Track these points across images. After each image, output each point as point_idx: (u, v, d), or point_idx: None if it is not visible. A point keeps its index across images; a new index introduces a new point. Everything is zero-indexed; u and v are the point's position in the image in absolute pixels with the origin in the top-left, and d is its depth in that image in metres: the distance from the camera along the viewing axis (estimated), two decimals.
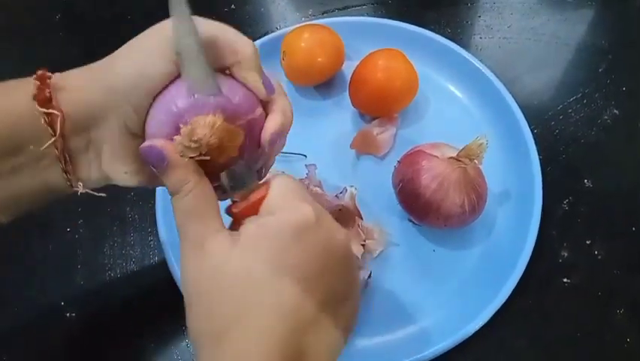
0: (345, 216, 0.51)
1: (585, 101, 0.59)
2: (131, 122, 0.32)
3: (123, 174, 0.34)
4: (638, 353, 0.47)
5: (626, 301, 0.49)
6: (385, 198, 0.53)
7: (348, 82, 0.57)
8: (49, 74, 0.32)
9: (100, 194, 0.35)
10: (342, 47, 0.59)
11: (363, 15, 0.67)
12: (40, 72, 0.31)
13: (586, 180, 0.55)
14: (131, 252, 0.54)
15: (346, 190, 0.53)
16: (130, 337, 0.51)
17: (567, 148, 0.57)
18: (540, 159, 0.53)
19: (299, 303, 0.27)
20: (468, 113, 0.59)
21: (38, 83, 0.31)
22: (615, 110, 0.59)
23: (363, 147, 0.57)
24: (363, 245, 0.50)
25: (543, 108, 0.59)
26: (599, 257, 0.51)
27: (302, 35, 0.57)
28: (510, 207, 0.53)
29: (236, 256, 0.27)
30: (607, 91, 0.60)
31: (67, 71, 0.33)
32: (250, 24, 0.67)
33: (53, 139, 0.31)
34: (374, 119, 0.58)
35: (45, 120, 0.31)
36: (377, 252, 0.51)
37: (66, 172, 0.33)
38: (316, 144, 0.57)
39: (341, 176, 0.56)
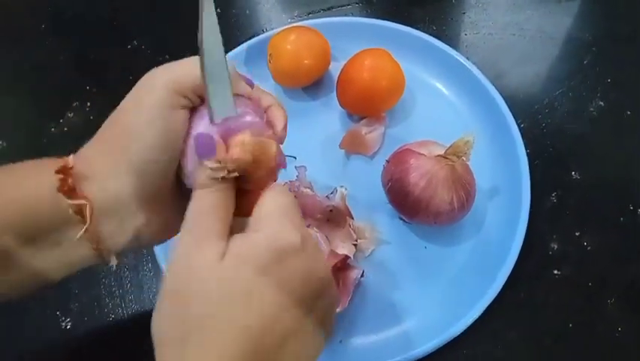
0: (337, 216, 0.52)
1: (571, 94, 0.60)
2: (160, 188, 0.33)
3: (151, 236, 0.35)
4: (629, 343, 0.48)
5: (616, 291, 0.50)
6: (376, 197, 0.54)
7: (336, 82, 0.58)
8: (71, 163, 0.32)
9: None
10: (329, 49, 0.59)
11: (348, 15, 0.67)
12: (62, 165, 0.31)
13: (573, 172, 0.55)
14: (124, 260, 0.54)
15: (336, 191, 0.53)
16: (125, 345, 0.51)
17: (554, 141, 0.57)
18: (527, 153, 0.54)
19: (267, 326, 0.27)
20: (455, 110, 0.59)
21: (61, 176, 0.31)
22: (600, 102, 0.59)
23: (353, 146, 0.57)
24: (355, 245, 0.51)
25: (529, 102, 0.59)
26: (589, 248, 0.52)
27: (288, 38, 0.57)
28: (499, 201, 0.53)
29: (220, 267, 0.27)
30: (592, 83, 0.60)
31: (84, 153, 0.33)
32: (236, 27, 0.68)
33: (85, 226, 0.31)
34: (362, 118, 0.58)
35: (73, 210, 0.31)
36: (369, 250, 0.52)
37: (98, 250, 0.33)
38: (305, 145, 0.57)
39: (331, 176, 0.56)
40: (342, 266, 0.50)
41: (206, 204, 0.29)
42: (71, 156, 0.32)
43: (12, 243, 0.31)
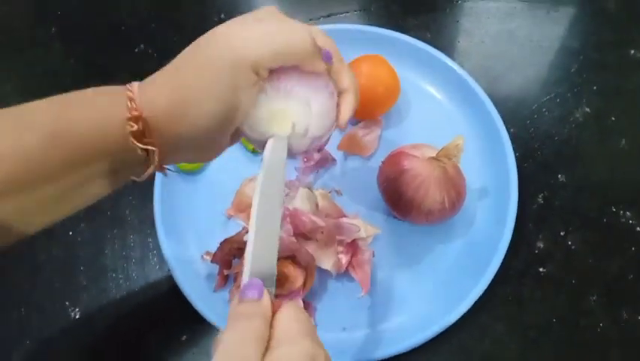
0: (326, 237, 0.53)
1: (558, 100, 0.62)
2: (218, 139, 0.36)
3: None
4: (610, 337, 0.50)
5: (598, 289, 0.52)
6: (371, 196, 0.56)
7: None
8: (143, 113, 0.33)
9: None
10: None
11: (347, 22, 0.69)
12: (135, 112, 0.32)
13: (560, 175, 0.58)
14: (131, 253, 0.57)
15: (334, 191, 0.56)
16: (132, 335, 0.53)
17: (542, 145, 0.59)
18: (516, 157, 0.56)
19: None
20: (447, 115, 0.61)
21: (134, 125, 0.32)
22: (587, 109, 0.61)
23: (350, 148, 0.60)
24: (354, 240, 0.53)
25: (519, 108, 0.61)
26: (573, 247, 0.54)
27: None
28: (488, 202, 0.56)
29: None
30: (579, 90, 0.62)
31: (151, 93, 0.33)
32: None
33: (153, 167, 0.34)
34: (359, 122, 0.61)
35: (141, 151, 0.33)
36: (370, 239, 0.53)
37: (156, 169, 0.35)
38: None
39: (329, 176, 0.59)
40: (354, 252, 0.52)
41: (246, 335, 0.29)
42: (136, 90, 0.33)
43: (71, 181, 0.33)
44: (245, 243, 0.52)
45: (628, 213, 0.55)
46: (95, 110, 0.33)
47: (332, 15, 0.70)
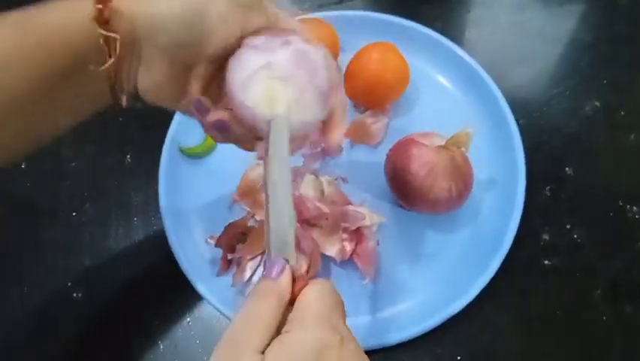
0: (331, 224, 0.53)
1: (568, 93, 0.62)
2: (184, 58, 0.34)
3: (154, 90, 0.36)
4: (614, 330, 0.50)
5: (602, 282, 0.52)
6: (378, 184, 0.56)
7: (343, 74, 0.59)
8: None
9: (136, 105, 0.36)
10: (338, 40, 0.61)
11: (357, 9, 0.68)
12: None
13: (567, 169, 0.57)
14: (135, 235, 0.57)
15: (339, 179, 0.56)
16: (135, 316, 0.53)
17: (550, 138, 0.59)
18: (524, 148, 0.55)
19: None
20: (457, 104, 0.61)
21: (100, 6, 0.31)
22: (596, 102, 0.61)
23: (357, 136, 0.59)
24: (359, 228, 0.53)
25: (528, 100, 0.61)
26: (579, 241, 0.54)
27: None
28: (495, 193, 0.55)
29: None
30: (589, 84, 0.62)
31: None
32: None
33: (112, 60, 0.32)
34: (367, 109, 0.60)
35: (103, 41, 0.32)
36: (374, 227, 0.53)
37: (113, 88, 0.34)
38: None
39: (336, 163, 0.58)
40: (359, 240, 0.52)
41: (252, 316, 0.29)
42: None
43: (31, 80, 0.32)
44: (249, 227, 0.52)
45: (635, 208, 0.55)
46: (62, 7, 0.32)
47: (343, 1, 0.70)
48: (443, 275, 0.52)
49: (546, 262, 0.53)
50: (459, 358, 0.49)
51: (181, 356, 0.51)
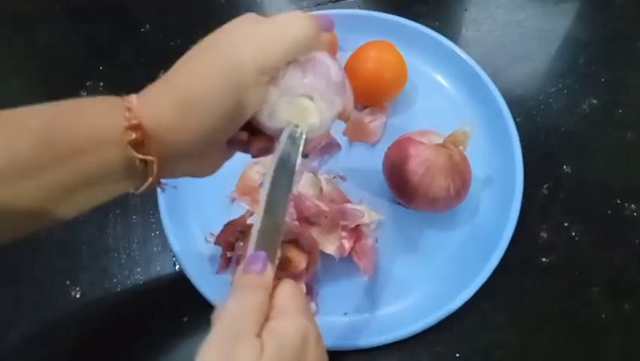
0: (329, 222, 0.53)
1: (565, 91, 0.62)
2: (219, 145, 0.36)
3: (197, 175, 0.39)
4: (611, 328, 0.50)
5: (600, 280, 0.52)
6: (376, 182, 0.56)
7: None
8: (141, 121, 0.32)
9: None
10: (336, 38, 0.61)
11: (355, 7, 0.68)
12: (134, 121, 0.31)
13: (565, 166, 0.58)
14: (133, 233, 0.56)
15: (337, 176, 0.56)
16: (133, 316, 0.53)
17: (547, 136, 0.59)
18: (522, 146, 0.56)
19: None
20: (454, 103, 0.61)
21: (133, 134, 0.31)
22: (593, 100, 0.61)
23: (355, 134, 0.59)
24: (358, 225, 0.53)
25: (525, 98, 0.61)
26: (576, 238, 0.54)
27: None
28: (493, 191, 0.56)
29: None
30: (586, 82, 0.62)
31: (151, 104, 0.33)
32: None
33: (150, 180, 0.33)
34: (365, 108, 0.60)
35: (139, 162, 0.32)
36: (373, 225, 0.54)
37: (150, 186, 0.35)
38: None
39: (334, 162, 0.58)
40: (358, 237, 0.52)
41: (247, 305, 0.31)
42: (135, 101, 0.32)
43: (59, 190, 0.31)
44: (249, 226, 0.52)
45: (632, 205, 0.55)
46: (90, 118, 0.32)
47: (340, 0, 0.70)
48: (441, 273, 0.53)
49: (544, 259, 0.53)
50: (457, 355, 0.50)
51: (180, 355, 0.51)
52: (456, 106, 0.61)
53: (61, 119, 0.31)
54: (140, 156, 0.32)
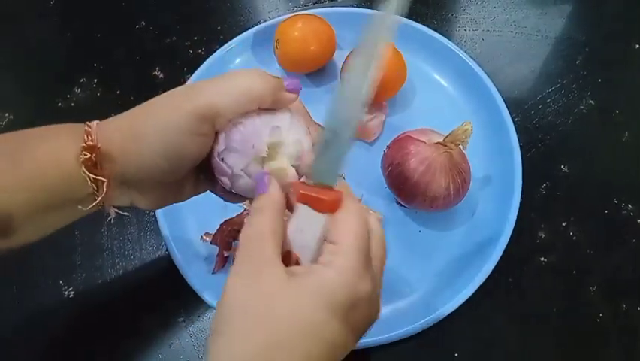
0: None
1: (563, 91, 0.62)
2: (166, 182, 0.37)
3: (152, 207, 0.40)
4: (609, 327, 0.50)
5: (598, 279, 0.52)
6: (375, 181, 0.55)
7: (340, 71, 0.59)
8: (98, 144, 0.34)
9: (124, 213, 0.39)
10: (334, 37, 0.61)
11: (353, 6, 0.68)
12: (90, 142, 0.34)
13: (563, 166, 0.58)
14: (127, 232, 0.56)
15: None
16: (127, 316, 0.52)
17: (546, 136, 0.59)
18: (520, 146, 0.56)
19: (336, 342, 0.29)
20: (453, 102, 0.61)
21: (88, 155, 0.33)
22: (591, 101, 0.61)
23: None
24: None
25: (523, 98, 0.61)
26: (574, 238, 0.54)
27: (296, 24, 0.58)
28: (492, 190, 0.55)
29: (290, 294, 0.29)
30: (583, 82, 0.62)
31: (107, 130, 0.35)
32: (243, 13, 0.69)
33: (100, 198, 0.35)
34: None
35: (91, 182, 0.34)
36: None
37: (101, 208, 0.37)
38: None
39: None
40: None
41: (267, 227, 0.31)
42: (95, 126, 0.35)
43: (24, 207, 0.34)
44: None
45: (630, 205, 0.55)
46: (54, 141, 0.35)
47: None
48: (440, 273, 0.52)
49: (542, 259, 0.53)
50: (456, 355, 0.49)
51: (175, 354, 0.50)
52: (454, 105, 0.61)
53: (28, 143, 0.35)
54: (92, 176, 0.34)
